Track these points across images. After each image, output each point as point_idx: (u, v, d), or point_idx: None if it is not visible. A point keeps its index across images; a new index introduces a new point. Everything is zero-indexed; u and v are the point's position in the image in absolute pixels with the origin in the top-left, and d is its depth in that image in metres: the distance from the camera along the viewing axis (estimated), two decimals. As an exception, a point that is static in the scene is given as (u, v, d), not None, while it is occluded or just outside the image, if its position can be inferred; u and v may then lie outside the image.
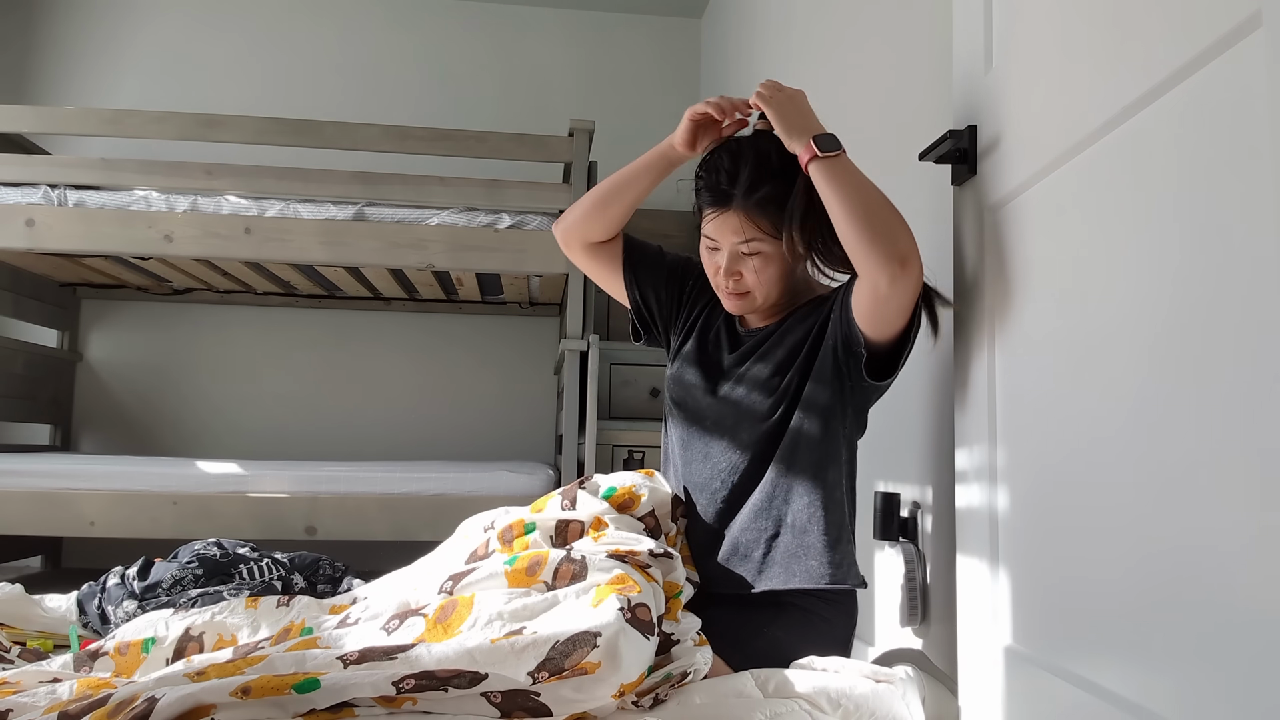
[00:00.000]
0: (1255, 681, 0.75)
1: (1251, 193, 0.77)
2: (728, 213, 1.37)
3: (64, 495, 2.56)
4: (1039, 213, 1.14)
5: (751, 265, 1.39)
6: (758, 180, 1.35)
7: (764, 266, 1.39)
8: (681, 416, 1.52)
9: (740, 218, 1.36)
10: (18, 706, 1.06)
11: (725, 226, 1.38)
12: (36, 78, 3.68)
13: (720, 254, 1.40)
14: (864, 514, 1.68)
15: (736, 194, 1.35)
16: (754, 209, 1.35)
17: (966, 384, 1.32)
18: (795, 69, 2.56)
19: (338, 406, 3.69)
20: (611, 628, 1.07)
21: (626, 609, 1.11)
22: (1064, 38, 1.09)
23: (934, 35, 1.63)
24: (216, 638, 1.32)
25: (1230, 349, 0.79)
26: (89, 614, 1.78)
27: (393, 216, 2.78)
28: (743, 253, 1.38)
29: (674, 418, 1.54)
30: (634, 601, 1.13)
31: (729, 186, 1.36)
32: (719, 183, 1.37)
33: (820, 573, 1.36)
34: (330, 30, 3.87)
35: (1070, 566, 1.03)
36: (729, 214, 1.37)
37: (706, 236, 1.42)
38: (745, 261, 1.39)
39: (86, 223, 2.68)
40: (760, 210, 1.35)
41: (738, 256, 1.39)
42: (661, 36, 4.05)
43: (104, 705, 0.95)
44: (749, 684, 1.22)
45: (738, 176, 1.36)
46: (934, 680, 1.37)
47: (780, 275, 1.41)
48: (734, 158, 1.38)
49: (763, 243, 1.37)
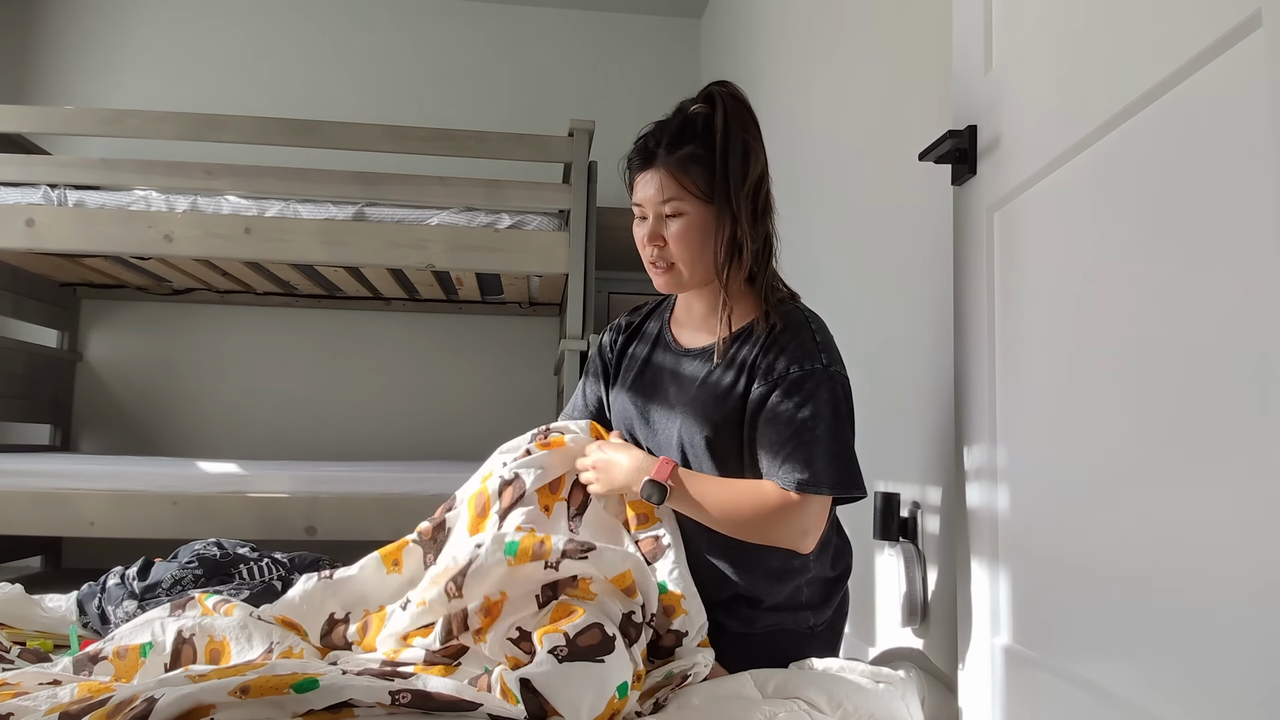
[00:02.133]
0: (1254, 681, 0.75)
1: (1252, 192, 0.77)
2: (651, 170, 1.37)
3: (64, 495, 2.56)
4: (1039, 213, 1.14)
5: (673, 230, 1.36)
6: (680, 138, 1.35)
7: (685, 231, 1.36)
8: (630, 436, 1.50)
9: (662, 174, 1.35)
10: (19, 709, 1.05)
11: (649, 186, 1.37)
12: (36, 78, 3.68)
13: (645, 223, 1.39)
14: (864, 514, 1.68)
15: (660, 152, 1.35)
16: (675, 165, 1.34)
17: (967, 384, 1.32)
18: (795, 69, 2.56)
19: (338, 406, 3.69)
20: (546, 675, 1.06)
21: (562, 647, 1.10)
22: (1064, 38, 1.09)
23: (934, 35, 1.63)
24: (207, 639, 1.31)
25: (1231, 348, 0.79)
26: (89, 614, 1.78)
27: (393, 216, 2.78)
28: (665, 214, 1.37)
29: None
30: (574, 633, 1.12)
31: (655, 145, 1.37)
32: (647, 142, 1.38)
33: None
34: (330, 30, 3.86)
35: (1070, 566, 1.03)
36: (652, 171, 1.36)
37: (634, 205, 1.41)
38: (667, 225, 1.37)
39: (86, 223, 2.68)
40: (681, 168, 1.34)
41: (660, 218, 1.37)
42: (661, 36, 4.05)
43: (104, 706, 0.95)
44: (748, 685, 1.22)
45: (665, 132, 1.36)
46: (933, 680, 1.37)
47: (703, 242, 1.36)
48: (662, 122, 1.39)
49: (684, 202, 1.35)
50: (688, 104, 1.39)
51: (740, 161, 1.34)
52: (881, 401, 1.76)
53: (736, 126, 1.34)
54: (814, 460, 1.27)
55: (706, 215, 1.36)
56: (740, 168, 1.34)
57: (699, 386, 1.39)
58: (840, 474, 1.28)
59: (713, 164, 1.33)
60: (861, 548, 1.74)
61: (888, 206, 1.84)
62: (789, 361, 1.31)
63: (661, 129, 1.38)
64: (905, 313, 1.72)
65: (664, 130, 1.37)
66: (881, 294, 1.86)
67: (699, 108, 1.36)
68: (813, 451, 1.27)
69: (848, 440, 1.32)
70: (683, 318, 1.50)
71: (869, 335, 1.85)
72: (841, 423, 1.31)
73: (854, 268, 2.01)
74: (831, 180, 2.20)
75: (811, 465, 1.26)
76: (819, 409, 1.28)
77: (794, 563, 1.34)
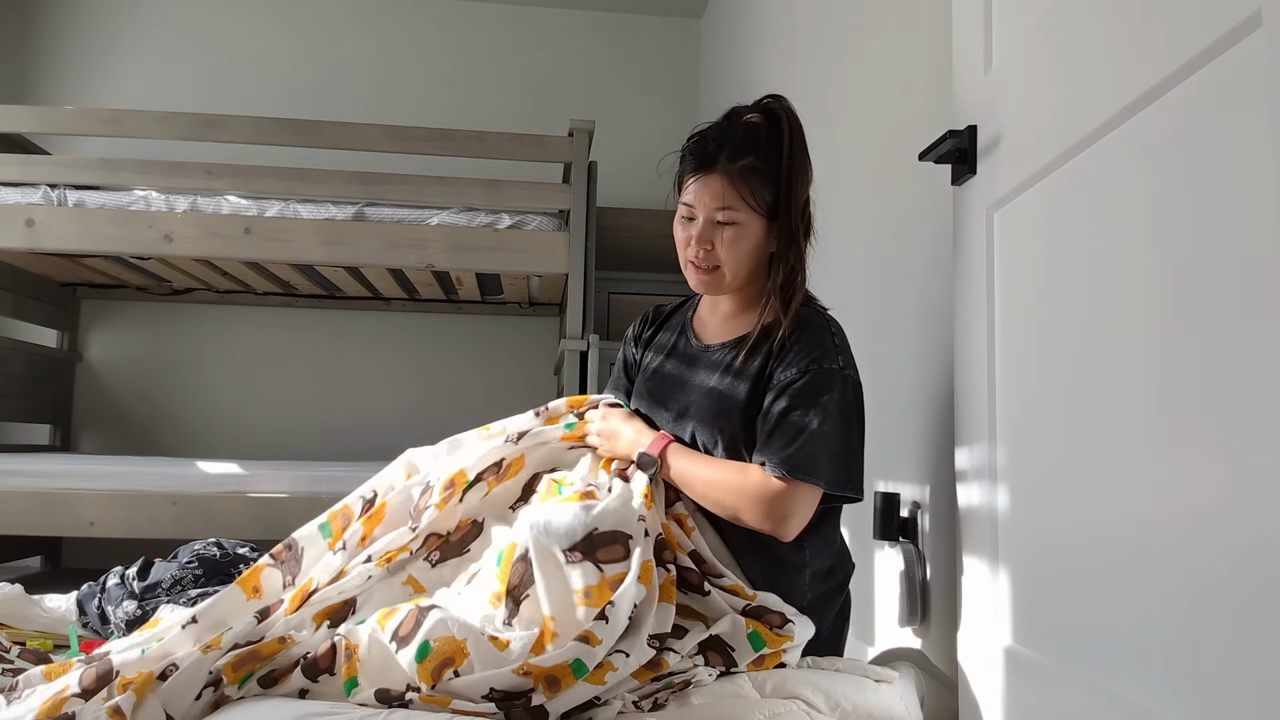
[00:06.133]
0: (1254, 683, 0.75)
1: (1252, 192, 0.77)
2: (710, 176, 1.36)
3: (64, 495, 2.56)
4: (1039, 213, 1.14)
5: (725, 236, 1.37)
6: (743, 148, 1.34)
7: (736, 240, 1.36)
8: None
9: (723, 182, 1.35)
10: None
11: (706, 191, 1.36)
12: (36, 78, 3.68)
13: (694, 224, 1.39)
14: (864, 514, 1.68)
15: (722, 158, 1.35)
16: (737, 175, 1.34)
17: (966, 384, 1.32)
18: (795, 69, 2.56)
19: (338, 406, 3.69)
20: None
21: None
22: (1064, 38, 1.09)
23: (934, 35, 1.63)
24: None
25: (1232, 348, 0.79)
26: (89, 614, 1.78)
27: (393, 216, 2.78)
28: (718, 220, 1.36)
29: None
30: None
31: (715, 150, 1.36)
32: (705, 146, 1.37)
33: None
34: (330, 30, 3.86)
35: (1070, 566, 1.03)
36: (711, 177, 1.36)
37: (684, 204, 1.40)
38: (719, 232, 1.37)
39: (86, 223, 2.68)
40: (743, 178, 1.34)
41: (712, 224, 1.37)
42: (661, 36, 4.05)
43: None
44: (747, 685, 1.22)
45: (725, 142, 1.35)
46: (933, 680, 1.37)
47: (751, 252, 1.38)
48: (723, 127, 1.38)
49: (740, 213, 1.35)
50: (742, 111, 1.39)
51: (800, 183, 1.37)
52: (881, 401, 1.76)
53: (801, 147, 1.37)
54: (809, 452, 1.27)
55: (759, 227, 1.37)
56: (800, 189, 1.37)
57: (715, 382, 1.40)
58: (837, 472, 1.28)
59: (771, 178, 1.35)
60: (862, 548, 1.74)
61: (887, 206, 1.84)
62: (806, 359, 1.33)
63: (722, 135, 1.36)
64: (905, 312, 1.72)
65: (725, 137, 1.36)
66: (881, 294, 1.86)
67: (756, 118, 1.36)
68: (811, 445, 1.27)
69: (853, 443, 1.32)
70: (707, 316, 1.51)
71: (869, 335, 1.85)
72: (849, 425, 1.32)
73: (854, 267, 2.02)
74: (831, 180, 2.20)
75: (802, 453, 1.26)
76: (827, 406, 1.29)
77: (791, 557, 1.34)
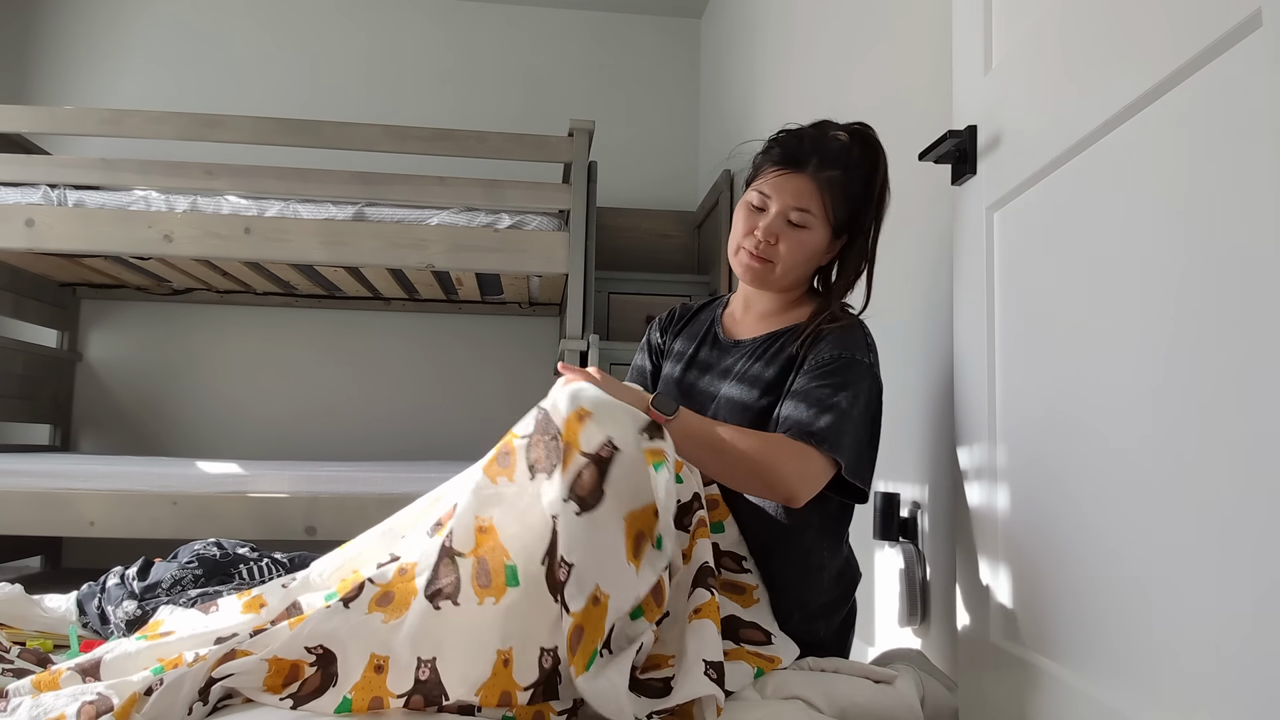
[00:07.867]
0: (1254, 687, 0.75)
1: (1252, 192, 0.77)
2: (797, 175, 1.36)
3: (64, 495, 2.56)
4: (1039, 213, 1.14)
5: (792, 236, 1.37)
6: (835, 161, 1.36)
7: (802, 243, 1.38)
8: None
9: (809, 184, 1.35)
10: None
11: (787, 187, 1.36)
12: (36, 78, 3.68)
13: (765, 215, 1.38)
14: (864, 514, 1.68)
15: (813, 162, 1.36)
16: (823, 183, 1.35)
17: (966, 383, 1.32)
18: (795, 69, 2.56)
19: (337, 406, 3.69)
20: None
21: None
22: (1064, 38, 1.09)
23: (934, 35, 1.63)
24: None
25: (1232, 348, 0.79)
26: (89, 614, 1.78)
27: (393, 216, 2.78)
28: (791, 220, 1.37)
29: None
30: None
31: (809, 152, 1.36)
32: (799, 145, 1.38)
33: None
34: (330, 30, 3.86)
35: (1070, 566, 1.03)
36: (798, 176, 1.36)
37: (758, 192, 1.40)
38: (787, 231, 1.37)
39: (86, 223, 2.68)
40: (827, 188, 1.35)
41: (785, 222, 1.37)
42: (661, 36, 4.05)
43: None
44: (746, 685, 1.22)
45: (820, 147, 1.36)
46: (933, 680, 1.37)
47: (809, 258, 1.40)
48: (816, 135, 1.39)
49: (814, 218, 1.36)
50: (832, 126, 1.40)
51: (883, 211, 1.40)
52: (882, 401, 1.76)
53: (887, 182, 1.40)
54: (837, 429, 1.26)
55: (825, 237, 1.39)
56: (882, 216, 1.40)
57: (742, 377, 1.41)
58: (857, 458, 1.28)
59: (849, 197, 1.37)
60: (862, 548, 1.74)
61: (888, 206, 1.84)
62: (836, 349, 1.33)
63: (815, 141, 1.37)
64: (905, 312, 1.72)
65: (817, 144, 1.37)
66: (881, 293, 1.85)
67: (846, 137, 1.38)
68: (840, 423, 1.26)
69: (871, 439, 1.33)
70: (739, 314, 1.52)
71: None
72: (871, 419, 1.33)
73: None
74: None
75: (830, 428, 1.25)
76: (857, 394, 1.29)
77: (811, 559, 1.35)
